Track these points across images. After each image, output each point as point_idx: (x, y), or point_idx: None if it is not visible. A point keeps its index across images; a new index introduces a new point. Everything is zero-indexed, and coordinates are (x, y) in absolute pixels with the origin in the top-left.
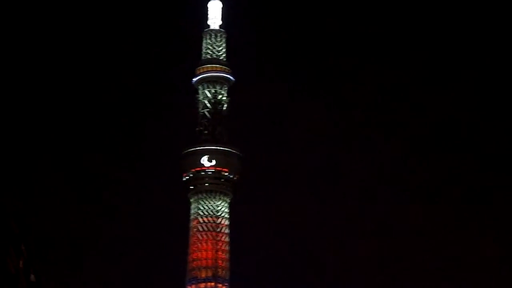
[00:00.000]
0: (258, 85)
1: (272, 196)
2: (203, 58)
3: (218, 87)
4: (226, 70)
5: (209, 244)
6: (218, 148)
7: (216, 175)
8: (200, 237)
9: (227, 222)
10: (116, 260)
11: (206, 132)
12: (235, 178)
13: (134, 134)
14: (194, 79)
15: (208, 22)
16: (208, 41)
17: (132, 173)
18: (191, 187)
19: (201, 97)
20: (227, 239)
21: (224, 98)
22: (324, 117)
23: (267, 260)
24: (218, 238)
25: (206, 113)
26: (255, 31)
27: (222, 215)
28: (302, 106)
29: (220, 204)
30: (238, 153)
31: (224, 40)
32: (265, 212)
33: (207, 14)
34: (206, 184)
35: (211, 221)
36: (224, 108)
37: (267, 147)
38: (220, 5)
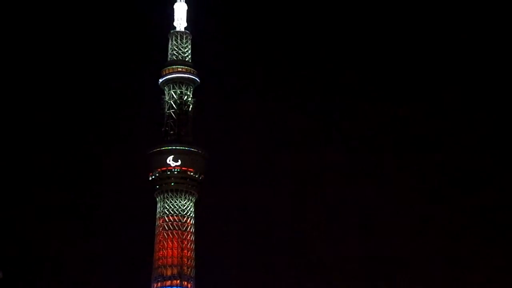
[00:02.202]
0: (224, 86)
1: (237, 196)
2: (169, 59)
3: (183, 88)
4: (192, 71)
5: (175, 242)
6: (184, 148)
7: (182, 175)
8: (166, 236)
9: (192, 221)
10: (82, 260)
11: (171, 132)
12: (200, 178)
13: (100, 133)
14: (160, 80)
15: (174, 24)
16: (174, 42)
17: (98, 172)
18: (157, 186)
19: (167, 98)
20: (192, 238)
21: (190, 99)
22: (289, 118)
23: (232, 259)
24: (184, 237)
25: (172, 113)
26: (221, 33)
27: (188, 214)
28: (267, 107)
29: (185, 203)
30: (203, 153)
31: (189, 41)
32: (230, 211)
33: (173, 16)
34: (172, 184)
35: (177, 220)
36: (190, 108)
37: (232, 147)
38: (186, 7)
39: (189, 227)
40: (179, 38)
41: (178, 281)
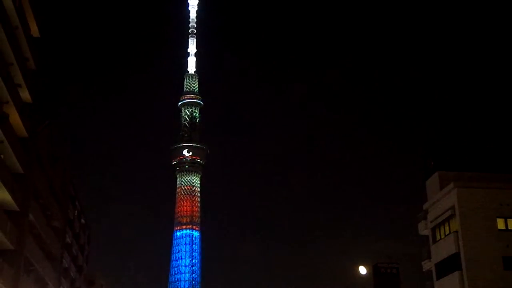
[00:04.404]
0: (219, 106)
1: (227, 174)
2: (184, 90)
3: (193, 108)
4: (198, 98)
5: (188, 202)
6: (193, 144)
7: (192, 161)
8: (182, 198)
9: (198, 189)
10: (129, 210)
11: (186, 135)
12: (203, 163)
13: (146, 136)
14: (179, 103)
15: (188, 69)
16: (188, 80)
17: (145, 160)
18: (177, 168)
19: (183, 114)
20: (199, 200)
21: (197, 115)
22: (260, 119)
23: (224, 212)
24: (193, 199)
25: (186, 123)
26: (217, 74)
27: (195, 185)
28: (248, 121)
29: (194, 178)
30: (205, 148)
31: (197, 79)
32: (221, 184)
33: (187, 65)
34: (186, 166)
35: (189, 189)
36: (197, 120)
37: (224, 144)
38: (194, 59)
39: (196, 193)
40: (190, 77)
41: (190, 226)
